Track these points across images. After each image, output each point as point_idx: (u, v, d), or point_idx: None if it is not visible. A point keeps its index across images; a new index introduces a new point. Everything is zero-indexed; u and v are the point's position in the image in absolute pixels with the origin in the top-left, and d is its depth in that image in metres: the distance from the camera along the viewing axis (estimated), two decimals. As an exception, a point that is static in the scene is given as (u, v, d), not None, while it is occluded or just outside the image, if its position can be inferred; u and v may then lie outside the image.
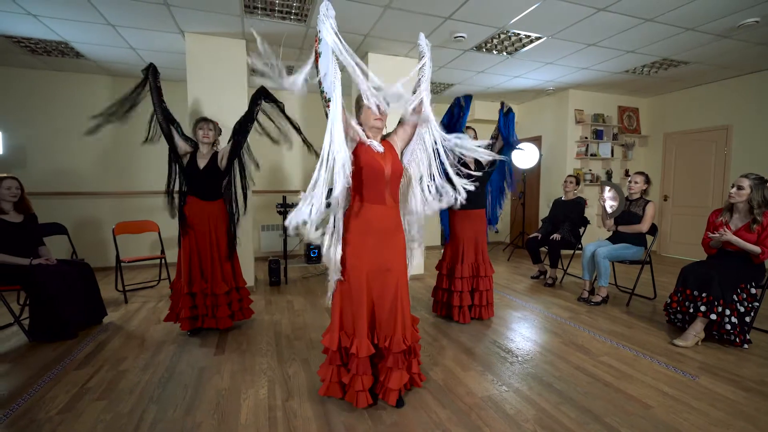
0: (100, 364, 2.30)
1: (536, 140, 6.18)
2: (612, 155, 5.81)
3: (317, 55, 1.53)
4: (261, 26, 3.45)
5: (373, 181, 1.77)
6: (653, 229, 3.48)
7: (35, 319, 2.65)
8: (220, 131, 2.87)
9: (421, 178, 1.91)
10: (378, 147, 1.77)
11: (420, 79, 1.84)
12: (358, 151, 1.76)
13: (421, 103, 1.80)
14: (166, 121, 2.60)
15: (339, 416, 1.78)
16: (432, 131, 1.87)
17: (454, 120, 2.86)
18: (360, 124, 1.80)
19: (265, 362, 2.34)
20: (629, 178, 3.55)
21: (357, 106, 1.84)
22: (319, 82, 1.56)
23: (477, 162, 3.02)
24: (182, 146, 2.68)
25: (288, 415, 1.80)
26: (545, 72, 4.78)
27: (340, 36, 1.52)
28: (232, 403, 1.89)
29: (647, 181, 3.48)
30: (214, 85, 3.70)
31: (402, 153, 1.95)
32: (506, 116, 3.05)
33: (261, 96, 2.69)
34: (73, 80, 4.66)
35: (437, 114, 2.09)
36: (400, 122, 1.95)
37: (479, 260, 3.02)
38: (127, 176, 4.91)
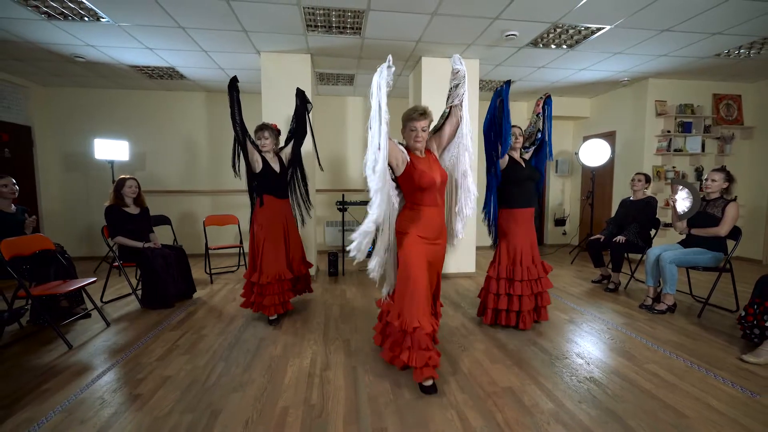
0: (188, 329, 2.86)
1: (609, 136, 5.71)
2: (702, 150, 5.13)
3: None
4: (322, 41, 3.85)
5: (429, 188, 2.09)
6: (735, 233, 3.08)
7: (145, 291, 3.37)
8: (279, 132, 3.12)
9: (463, 175, 2.24)
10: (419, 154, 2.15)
11: (454, 88, 2.19)
12: (413, 166, 2.06)
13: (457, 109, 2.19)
14: (243, 132, 2.99)
15: (365, 388, 2.01)
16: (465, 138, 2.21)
17: (496, 111, 2.64)
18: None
19: (313, 339, 2.68)
20: (705, 176, 3.19)
21: (403, 125, 2.13)
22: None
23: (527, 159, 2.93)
24: (253, 151, 3.05)
25: (323, 381, 2.09)
26: (615, 62, 4.44)
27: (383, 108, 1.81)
28: (281, 367, 2.24)
29: (728, 178, 3.09)
30: (284, 96, 4.19)
31: (441, 158, 2.28)
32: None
33: (305, 101, 3.02)
34: (179, 97, 5.63)
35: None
36: (437, 130, 2.26)
37: (528, 262, 2.79)
38: (217, 177, 5.76)
